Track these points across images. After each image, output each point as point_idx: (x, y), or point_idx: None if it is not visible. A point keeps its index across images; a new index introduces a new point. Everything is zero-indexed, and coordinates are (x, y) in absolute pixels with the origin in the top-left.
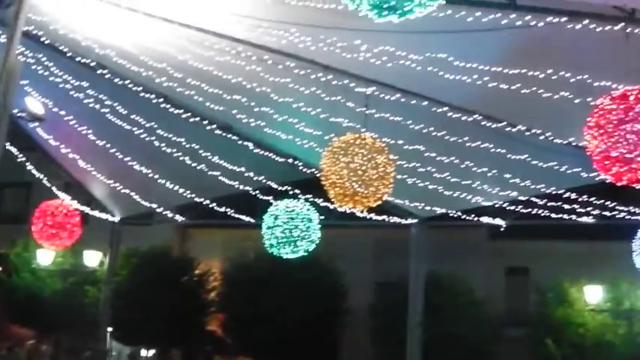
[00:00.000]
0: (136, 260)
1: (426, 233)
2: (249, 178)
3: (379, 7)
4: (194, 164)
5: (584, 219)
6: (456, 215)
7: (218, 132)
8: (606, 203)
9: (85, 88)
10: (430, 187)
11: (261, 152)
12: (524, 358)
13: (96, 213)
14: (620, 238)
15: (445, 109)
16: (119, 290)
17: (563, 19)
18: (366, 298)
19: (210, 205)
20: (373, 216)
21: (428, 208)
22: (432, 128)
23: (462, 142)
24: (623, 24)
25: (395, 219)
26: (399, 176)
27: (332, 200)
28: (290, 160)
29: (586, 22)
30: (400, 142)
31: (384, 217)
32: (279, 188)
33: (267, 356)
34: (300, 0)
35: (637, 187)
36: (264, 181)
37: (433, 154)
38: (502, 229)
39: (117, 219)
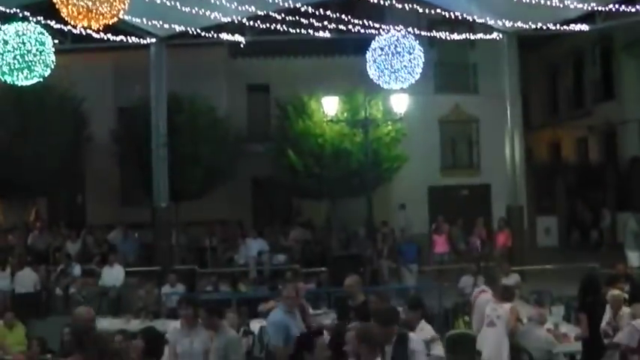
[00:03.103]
0: None
1: (165, 53)
2: None
3: None
4: None
5: (321, 33)
6: (195, 33)
7: None
8: (342, 17)
9: None
10: (168, 3)
11: None
12: (268, 170)
13: None
14: (356, 52)
15: None
16: None
17: None
18: (108, 124)
19: None
20: (111, 37)
21: (167, 26)
22: None
23: None
24: None
25: (133, 39)
26: None
27: (65, 20)
28: None
29: None
30: None
31: (122, 37)
32: (8, 11)
33: (8, 193)
34: None
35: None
36: None
37: None
38: (242, 46)
39: None
